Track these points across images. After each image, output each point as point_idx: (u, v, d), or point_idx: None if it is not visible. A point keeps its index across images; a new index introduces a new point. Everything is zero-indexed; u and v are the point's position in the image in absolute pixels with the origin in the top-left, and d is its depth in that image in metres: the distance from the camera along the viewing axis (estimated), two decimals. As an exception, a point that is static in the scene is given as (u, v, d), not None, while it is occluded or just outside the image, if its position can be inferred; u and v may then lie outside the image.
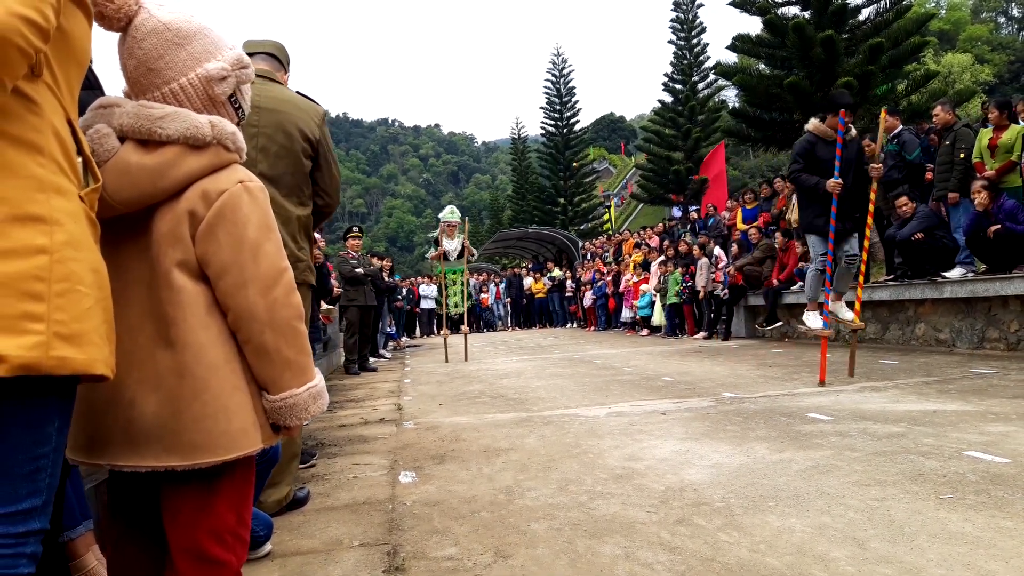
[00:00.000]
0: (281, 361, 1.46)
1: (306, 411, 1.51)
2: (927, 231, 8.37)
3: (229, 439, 1.40)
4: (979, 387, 5.55)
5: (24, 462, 1.13)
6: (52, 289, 1.10)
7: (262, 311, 1.43)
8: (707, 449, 3.99)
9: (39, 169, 1.12)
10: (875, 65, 13.81)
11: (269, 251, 1.46)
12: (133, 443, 1.38)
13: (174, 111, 1.41)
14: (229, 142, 1.47)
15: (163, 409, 1.37)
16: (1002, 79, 55.03)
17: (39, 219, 1.10)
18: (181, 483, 1.43)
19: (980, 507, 2.71)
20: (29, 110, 1.12)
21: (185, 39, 1.44)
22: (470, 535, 2.77)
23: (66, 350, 1.10)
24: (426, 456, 4.30)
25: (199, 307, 1.41)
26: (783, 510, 2.83)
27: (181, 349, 1.38)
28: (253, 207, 1.46)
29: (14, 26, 0.99)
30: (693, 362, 8.97)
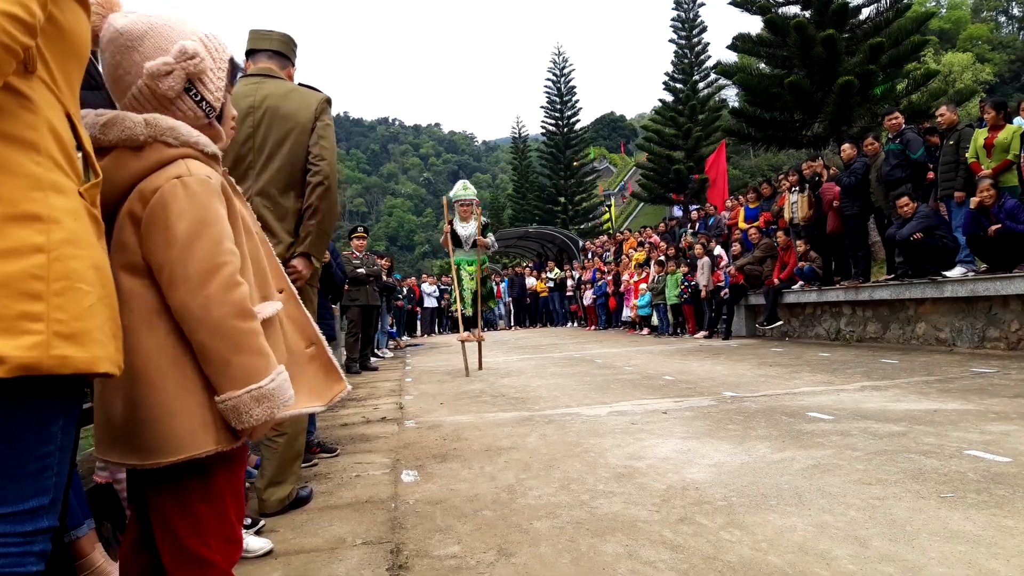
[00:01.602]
0: (219, 361, 1.42)
1: (248, 415, 1.44)
2: (927, 231, 8.38)
3: (177, 441, 1.39)
4: (980, 386, 5.55)
5: (30, 461, 1.13)
6: (51, 288, 1.09)
7: (196, 309, 1.39)
8: (708, 448, 4.00)
9: (35, 167, 1.11)
10: (875, 64, 13.81)
11: (202, 246, 1.40)
12: (112, 439, 1.43)
13: (113, 116, 1.40)
14: (169, 137, 1.43)
15: (125, 411, 1.39)
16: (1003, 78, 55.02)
17: (36, 218, 1.10)
18: (159, 483, 1.45)
19: (981, 506, 2.72)
20: (23, 107, 1.11)
21: (136, 41, 1.42)
22: (473, 533, 2.78)
23: (67, 349, 1.10)
24: (428, 455, 4.31)
25: (144, 310, 1.40)
26: (785, 509, 2.84)
27: (130, 352, 1.36)
28: (188, 201, 1.41)
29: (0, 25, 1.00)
30: (694, 361, 8.97)
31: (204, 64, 1.49)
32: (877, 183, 9.43)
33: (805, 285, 10.95)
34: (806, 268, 10.93)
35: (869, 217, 10.13)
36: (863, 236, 9.98)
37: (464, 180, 9.69)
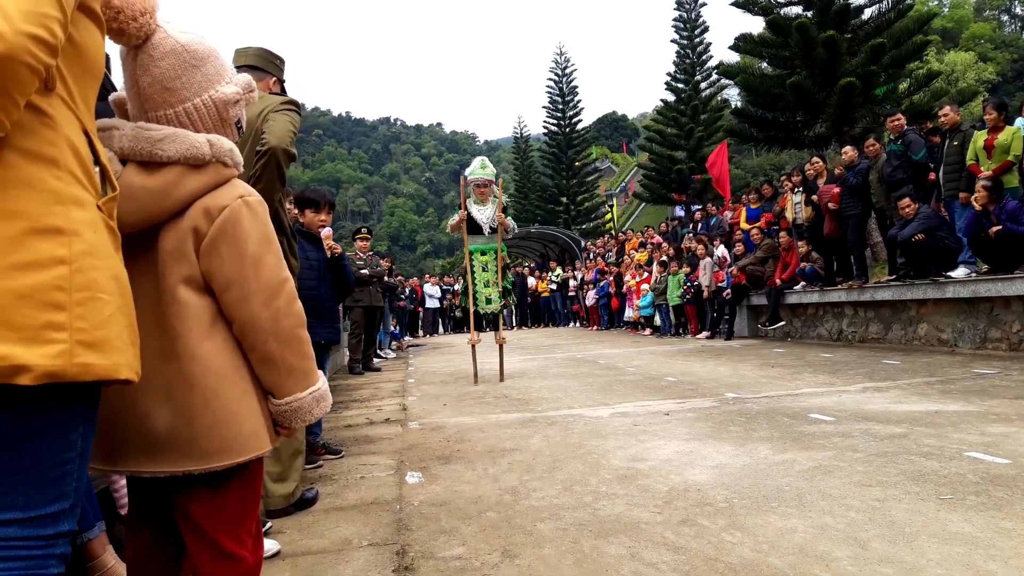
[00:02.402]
0: (285, 368, 1.52)
1: (310, 414, 1.58)
2: (929, 232, 8.40)
3: (241, 442, 1.46)
4: (981, 387, 5.58)
5: (52, 467, 1.17)
6: (73, 298, 1.13)
7: (265, 321, 1.48)
8: (710, 450, 4.03)
9: (56, 182, 1.15)
10: (877, 65, 13.82)
11: (270, 263, 1.51)
12: (151, 451, 1.43)
13: (172, 132, 1.45)
14: (228, 158, 1.51)
15: (177, 419, 1.43)
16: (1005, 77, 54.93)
17: (58, 231, 1.13)
18: (196, 485, 1.48)
19: (980, 508, 2.75)
20: (44, 124, 1.15)
21: (200, 61, 1.49)
22: (477, 535, 2.81)
23: (89, 356, 1.14)
24: (432, 456, 4.34)
25: (204, 320, 1.46)
26: (786, 510, 2.87)
27: (188, 360, 1.43)
28: (253, 221, 1.50)
29: (22, 44, 1.02)
30: (696, 362, 9.00)
31: (254, 96, 1.61)
32: (878, 184, 9.45)
33: (807, 286, 10.97)
34: (808, 269, 10.95)
35: (870, 218, 10.15)
36: (863, 236, 10.00)
37: (482, 158, 8.41)
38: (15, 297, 1.08)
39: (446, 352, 14.82)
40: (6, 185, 1.10)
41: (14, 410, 1.11)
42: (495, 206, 8.06)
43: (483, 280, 8.27)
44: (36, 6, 1.05)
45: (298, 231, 4.48)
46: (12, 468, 1.13)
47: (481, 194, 8.12)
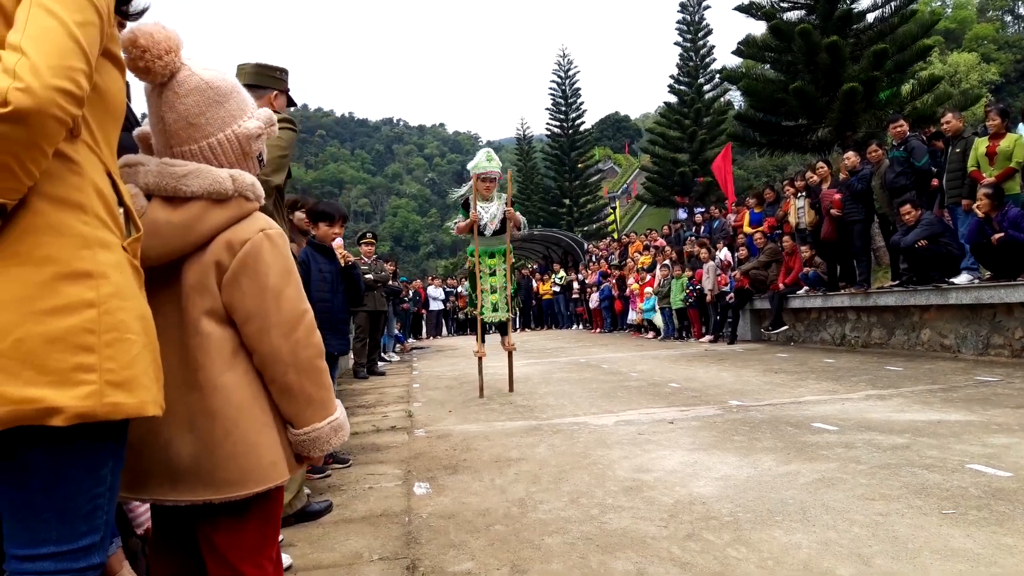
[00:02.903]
0: (304, 398, 1.56)
1: (328, 443, 1.61)
2: (932, 238, 8.43)
3: (260, 473, 1.50)
4: (983, 396, 5.61)
5: (83, 503, 1.21)
6: (102, 340, 1.17)
7: (286, 353, 1.52)
8: (715, 460, 4.07)
9: (83, 227, 1.19)
10: (880, 71, 13.84)
11: (290, 295, 1.55)
12: (172, 480, 1.48)
13: (196, 168, 1.49)
14: (249, 192, 1.56)
15: (198, 448, 1.47)
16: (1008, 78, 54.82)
17: (86, 274, 1.18)
18: (218, 513, 1.52)
19: (982, 523, 2.78)
20: (71, 170, 1.19)
21: (224, 97, 1.54)
22: (486, 549, 2.85)
23: (118, 396, 1.18)
24: (439, 466, 4.39)
25: (226, 351, 1.50)
26: (790, 525, 2.91)
27: (210, 391, 1.47)
28: (274, 254, 1.54)
29: (51, 99, 1.07)
30: (699, 367, 9.04)
31: (275, 130, 1.65)
32: (881, 190, 9.48)
33: (810, 290, 11.00)
34: (811, 273, 10.98)
35: (872, 223, 10.18)
36: (866, 241, 10.03)
37: (488, 149, 7.54)
38: (46, 341, 1.12)
39: (450, 355, 14.87)
40: (36, 232, 1.15)
41: (47, 449, 1.16)
42: (501, 202, 7.33)
43: (490, 285, 7.50)
44: (63, 59, 1.09)
45: (311, 243, 4.53)
46: (46, 505, 1.17)
47: (486, 189, 7.31)
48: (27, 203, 1.14)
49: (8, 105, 1.03)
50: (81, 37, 1.12)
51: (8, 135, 1.04)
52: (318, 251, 4.30)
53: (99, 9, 1.17)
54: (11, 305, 1.11)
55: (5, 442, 1.13)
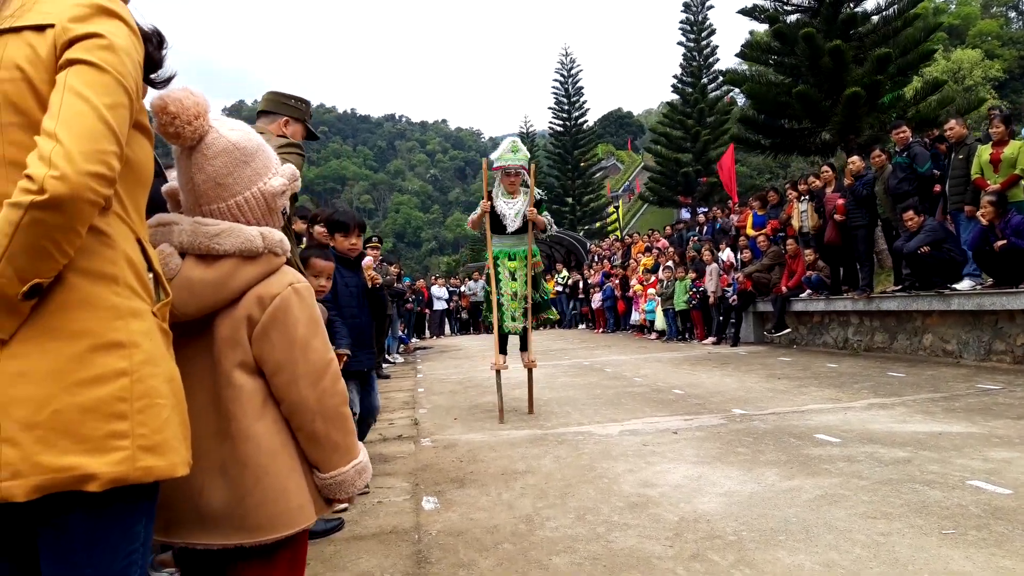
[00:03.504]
0: (330, 445, 1.63)
1: (353, 486, 1.68)
2: (934, 244, 8.47)
3: (289, 517, 1.56)
4: (985, 405, 5.66)
5: (118, 560, 1.27)
6: (134, 407, 1.23)
7: (313, 402, 1.59)
8: (719, 475, 4.13)
9: (115, 298, 1.25)
10: (883, 75, 13.86)
11: (317, 346, 1.61)
12: (204, 524, 1.54)
13: (228, 227, 1.55)
14: (278, 248, 1.61)
15: (230, 495, 1.53)
16: (1012, 74, 54.64)
17: (119, 345, 1.23)
18: (247, 556, 1.58)
19: (981, 544, 2.84)
20: (103, 243, 1.25)
21: (250, 157, 1.60)
22: (495, 569, 2.91)
23: (150, 460, 1.24)
24: (446, 479, 4.45)
25: (256, 401, 1.56)
26: (793, 544, 2.97)
27: (242, 440, 1.53)
28: (302, 307, 1.61)
29: (85, 184, 1.12)
30: (703, 372, 9.09)
31: (298, 185, 1.72)
32: (884, 195, 9.52)
33: (813, 294, 11.05)
34: (814, 277, 11.03)
35: (875, 228, 10.22)
36: (869, 247, 10.07)
37: (514, 139, 6.78)
38: (81, 411, 1.18)
39: (453, 356, 14.93)
40: (70, 307, 1.20)
41: (85, 514, 1.22)
42: (527, 199, 6.56)
43: (510, 291, 6.67)
44: (96, 144, 1.15)
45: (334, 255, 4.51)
46: (85, 563, 1.23)
47: (511, 184, 6.56)
48: (62, 278, 1.19)
49: (45, 193, 1.09)
50: (112, 120, 1.17)
51: (46, 221, 1.10)
52: (341, 263, 4.13)
53: (128, 90, 1.22)
54: (48, 378, 1.16)
55: (45, 508, 1.19)
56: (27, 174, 1.11)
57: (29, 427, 1.15)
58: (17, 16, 1.23)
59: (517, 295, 6.66)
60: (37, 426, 1.15)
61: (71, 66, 1.18)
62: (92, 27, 1.20)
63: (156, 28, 1.39)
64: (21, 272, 1.12)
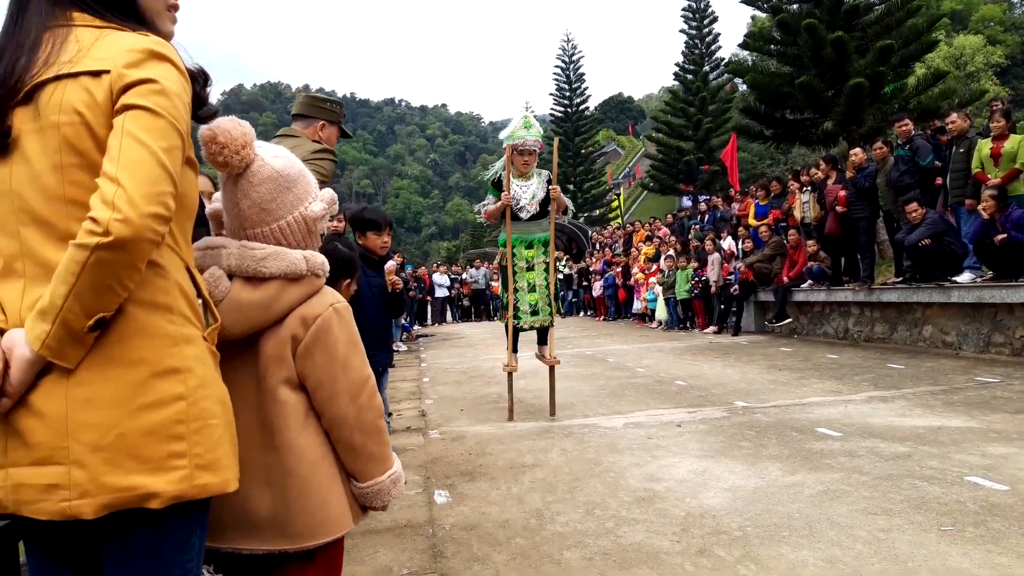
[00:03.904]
0: (367, 455, 1.72)
1: (388, 494, 1.77)
2: (935, 237, 8.55)
3: (329, 524, 1.66)
4: (983, 399, 5.76)
5: (176, 570, 1.36)
6: (190, 428, 1.32)
7: (352, 416, 1.68)
8: (723, 469, 4.23)
9: (170, 326, 1.33)
10: (886, 66, 13.88)
11: (355, 364, 1.70)
12: (250, 531, 1.63)
13: (274, 251, 1.64)
14: (319, 270, 1.70)
15: (275, 503, 1.62)
16: (1014, 60, 54.43)
17: (175, 371, 1.32)
18: (289, 560, 1.68)
19: (978, 540, 2.94)
20: (157, 274, 1.33)
21: (292, 183, 1.68)
22: (508, 564, 3.02)
23: (206, 477, 1.33)
24: (456, 472, 4.55)
25: (299, 415, 1.66)
26: (796, 541, 3.07)
27: (286, 452, 1.63)
28: (342, 327, 1.70)
29: (146, 225, 1.20)
30: (704, 363, 9.19)
31: (336, 208, 1.80)
32: (886, 187, 9.59)
33: (814, 284, 11.13)
34: (815, 268, 11.11)
35: (877, 219, 10.30)
36: (871, 239, 10.15)
37: (526, 114, 6.17)
38: (143, 434, 1.27)
39: (456, 344, 15.04)
40: (129, 336, 1.29)
41: (147, 529, 1.31)
42: (542, 180, 6.09)
43: (527, 282, 6.16)
44: (154, 186, 1.23)
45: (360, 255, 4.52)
46: (145, 574, 1.32)
47: (524, 164, 6.00)
48: (121, 309, 1.27)
49: (110, 235, 1.17)
50: (168, 162, 1.25)
51: (110, 261, 1.18)
52: (366, 263, 4.05)
53: (180, 132, 1.30)
54: (112, 404, 1.25)
55: (109, 524, 1.28)
56: (92, 217, 1.18)
57: (96, 450, 1.24)
58: (74, 62, 1.30)
59: (536, 286, 6.19)
60: (103, 449, 1.24)
61: (128, 111, 1.25)
62: (146, 72, 1.28)
63: (201, 68, 1.47)
64: (87, 308, 1.21)
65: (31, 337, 1.22)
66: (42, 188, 1.27)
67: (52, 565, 1.37)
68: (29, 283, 1.29)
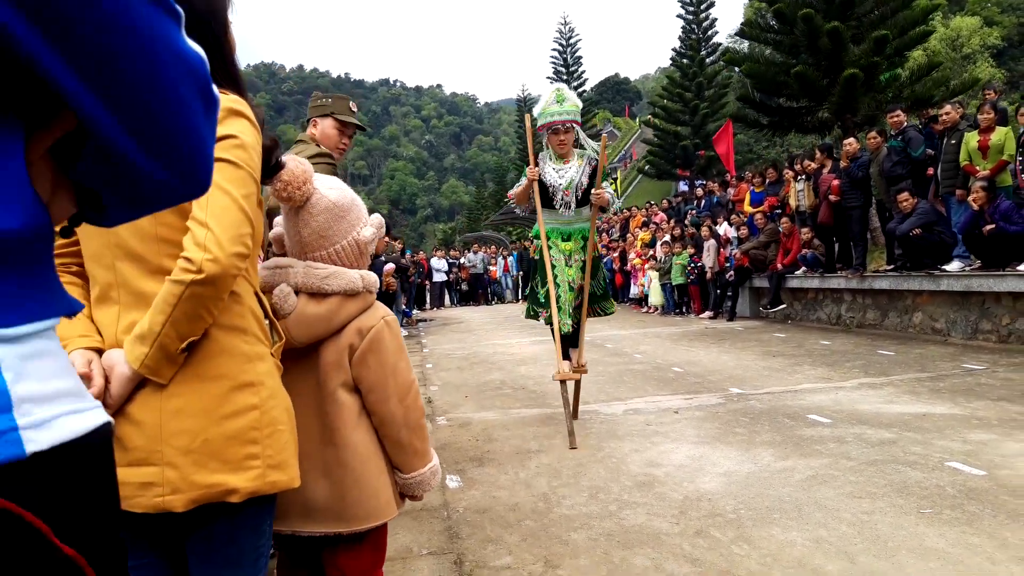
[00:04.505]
0: (412, 450, 1.95)
1: (428, 484, 2.02)
2: (926, 226, 8.79)
3: (379, 510, 1.90)
4: (968, 386, 6.01)
5: (251, 553, 1.59)
6: (263, 433, 1.54)
7: (400, 416, 1.91)
8: (718, 455, 4.47)
9: (245, 346, 1.55)
10: (880, 56, 14.09)
11: (403, 369, 1.94)
12: (309, 516, 1.86)
13: (335, 271, 1.86)
14: (372, 287, 1.93)
15: (332, 492, 1.86)
16: (1011, 42, 54.38)
17: (250, 384, 1.53)
18: (342, 542, 1.91)
19: (954, 522, 3.18)
20: (234, 301, 1.54)
21: (345, 212, 1.90)
22: (520, 544, 3.26)
23: (276, 475, 1.55)
24: (465, 458, 4.79)
25: (354, 415, 1.89)
26: (786, 523, 3.31)
27: (342, 447, 1.85)
28: (392, 337, 1.93)
29: (231, 263, 1.42)
30: (700, 348, 9.44)
31: (383, 231, 2.02)
32: (879, 177, 9.81)
33: (808, 271, 11.38)
34: (809, 255, 11.35)
35: (870, 208, 10.54)
36: (864, 227, 10.39)
37: (559, 87, 5.26)
38: (225, 439, 1.49)
39: (456, 329, 15.29)
40: (212, 355, 1.50)
41: (227, 520, 1.54)
42: (583, 163, 5.26)
43: (567, 277, 5.30)
44: (237, 229, 1.44)
45: None
46: (225, 562, 1.55)
47: (560, 145, 5.17)
48: (206, 333, 1.49)
49: (203, 273, 1.39)
50: (247, 208, 1.47)
51: (203, 295, 1.40)
52: None
53: (256, 180, 1.52)
54: (200, 414, 1.47)
55: (195, 517, 1.50)
56: (186, 256, 1.40)
57: (186, 453, 1.46)
58: None
59: (573, 284, 5.34)
60: (192, 452, 1.46)
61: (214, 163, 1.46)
62: (227, 129, 1.48)
63: (275, 138, 1.67)
64: (181, 333, 1.42)
65: (131, 357, 1.44)
66: (137, 228, 1.48)
67: (144, 553, 1.60)
68: (123, 309, 1.50)
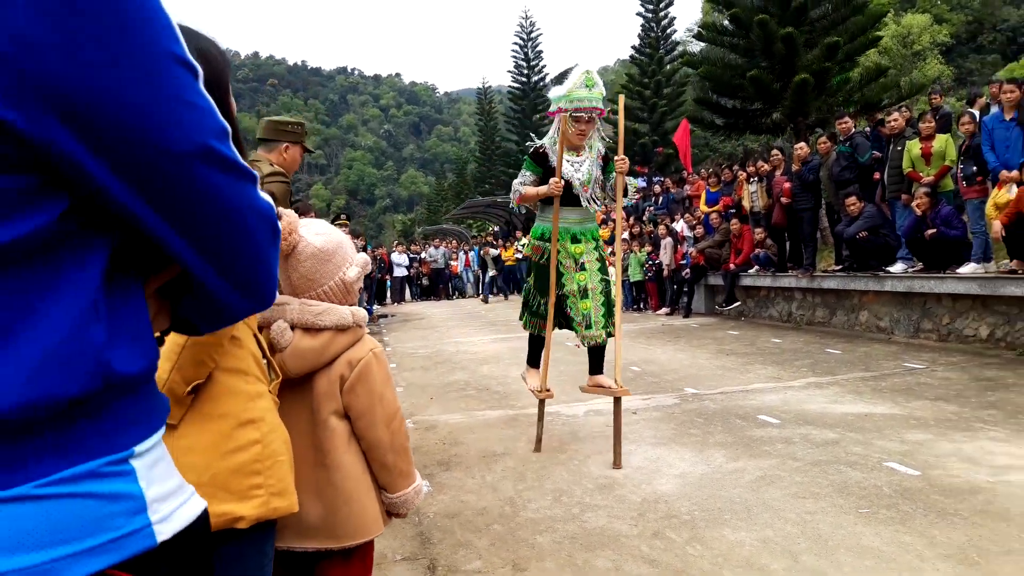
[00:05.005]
0: (397, 472, 2.12)
1: (412, 503, 2.18)
2: (872, 229, 9.19)
3: (367, 528, 2.06)
4: (908, 385, 6.37)
5: (258, 573, 1.75)
6: (265, 465, 1.70)
7: (387, 440, 2.07)
8: (674, 456, 4.72)
9: (247, 386, 1.70)
10: (832, 61, 14.60)
11: (389, 396, 2.10)
12: (303, 533, 2.02)
13: (327, 307, 2.02)
14: (361, 322, 2.09)
15: (324, 511, 2.02)
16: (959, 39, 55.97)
17: (252, 421, 1.69)
18: (334, 556, 2.07)
19: (889, 522, 3.45)
20: (235, 345, 1.69)
21: (331, 255, 2.05)
22: (490, 549, 3.44)
23: (278, 502, 1.71)
24: (433, 461, 4.96)
25: (344, 439, 2.05)
26: (736, 523, 3.55)
27: (334, 469, 2.02)
28: (379, 367, 2.09)
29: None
30: (657, 347, 9.73)
31: (369, 267, 2.16)
32: (828, 180, 10.20)
33: (760, 270, 11.76)
34: (762, 254, 11.73)
35: (820, 210, 10.95)
36: (814, 228, 10.79)
37: (587, 70, 4.70)
38: (231, 472, 1.64)
39: (418, 326, 15.40)
40: (216, 396, 1.66)
41: (235, 544, 1.69)
42: (594, 156, 4.84)
43: (578, 285, 4.89)
44: None
45: None
46: None
47: (579, 135, 4.67)
48: (210, 376, 1.65)
49: None
50: None
51: (204, 342, 1.56)
52: None
53: None
54: (207, 450, 1.63)
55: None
56: None
57: (197, 486, 1.60)
58: None
59: (588, 290, 4.91)
60: (202, 485, 1.61)
61: None
62: None
63: None
64: (187, 378, 1.58)
65: None
66: None
67: None
68: None
